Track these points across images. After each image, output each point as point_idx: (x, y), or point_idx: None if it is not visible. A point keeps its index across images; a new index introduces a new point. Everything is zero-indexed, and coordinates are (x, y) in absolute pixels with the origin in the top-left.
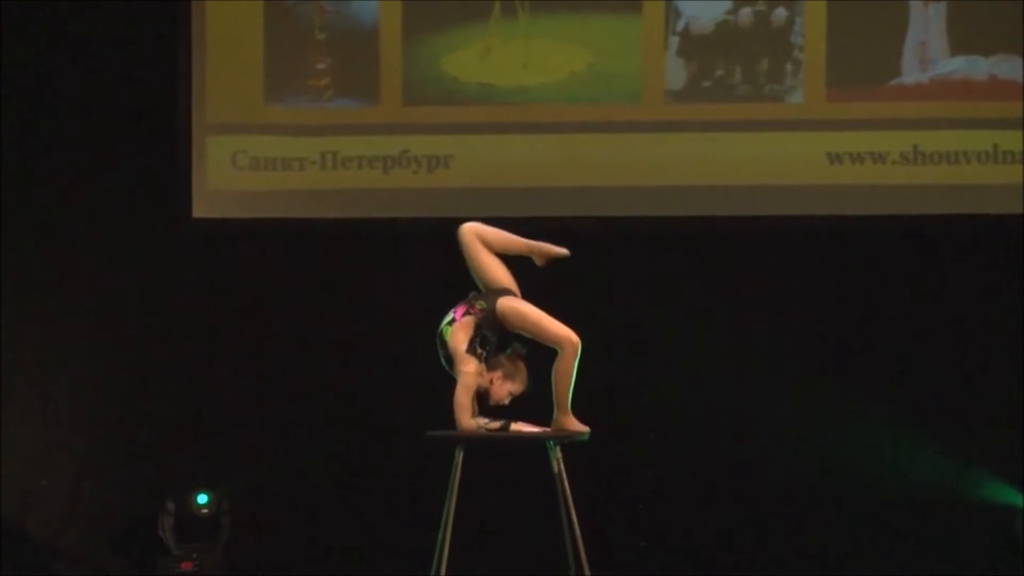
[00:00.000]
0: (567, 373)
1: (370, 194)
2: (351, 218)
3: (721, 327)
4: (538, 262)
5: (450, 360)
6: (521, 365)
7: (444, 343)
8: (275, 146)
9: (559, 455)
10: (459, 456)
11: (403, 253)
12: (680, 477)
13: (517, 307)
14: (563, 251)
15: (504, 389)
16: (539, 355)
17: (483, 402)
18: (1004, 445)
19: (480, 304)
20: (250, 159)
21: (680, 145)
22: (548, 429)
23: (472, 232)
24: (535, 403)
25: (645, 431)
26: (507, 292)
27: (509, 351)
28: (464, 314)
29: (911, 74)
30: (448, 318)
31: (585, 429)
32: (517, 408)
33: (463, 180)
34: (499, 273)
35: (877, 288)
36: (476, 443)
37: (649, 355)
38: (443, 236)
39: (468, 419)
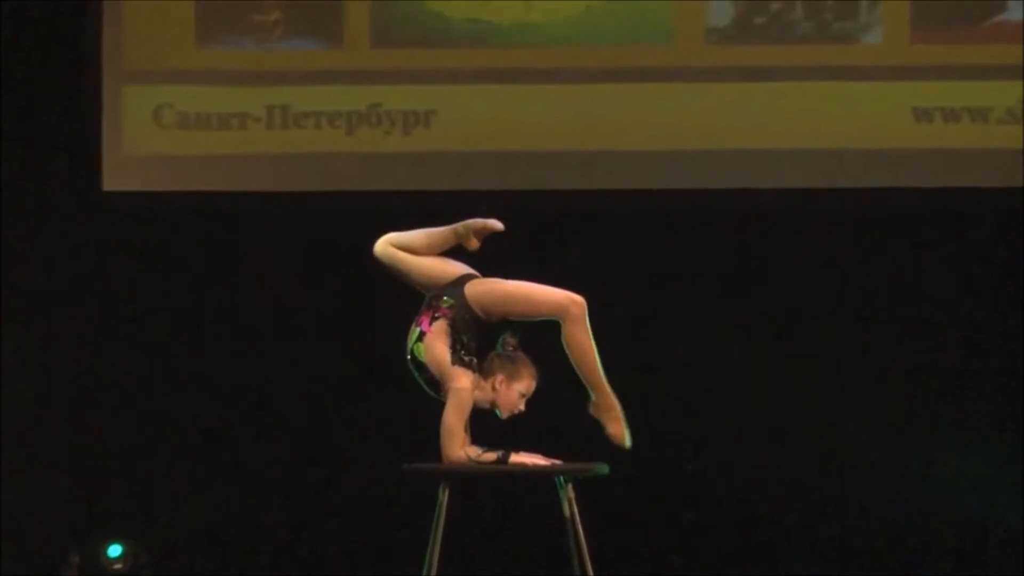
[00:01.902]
0: (584, 342)
1: (330, 160)
2: (306, 192)
3: (772, 326)
4: (471, 245)
5: (434, 381)
6: (521, 357)
7: (420, 364)
8: (209, 98)
9: (571, 494)
10: (444, 496)
11: (372, 235)
12: (720, 514)
13: (491, 287)
14: (495, 223)
15: (514, 392)
16: (532, 342)
17: (478, 422)
18: None
19: (446, 301)
20: (177, 115)
21: (724, 98)
22: (557, 462)
23: (387, 244)
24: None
25: (681, 459)
26: (468, 277)
27: (500, 347)
28: (432, 320)
29: (1018, 9)
30: (414, 334)
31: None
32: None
33: (448, 142)
34: (445, 265)
35: (977, 276)
36: (466, 479)
37: (682, 362)
38: (423, 214)
39: (457, 449)
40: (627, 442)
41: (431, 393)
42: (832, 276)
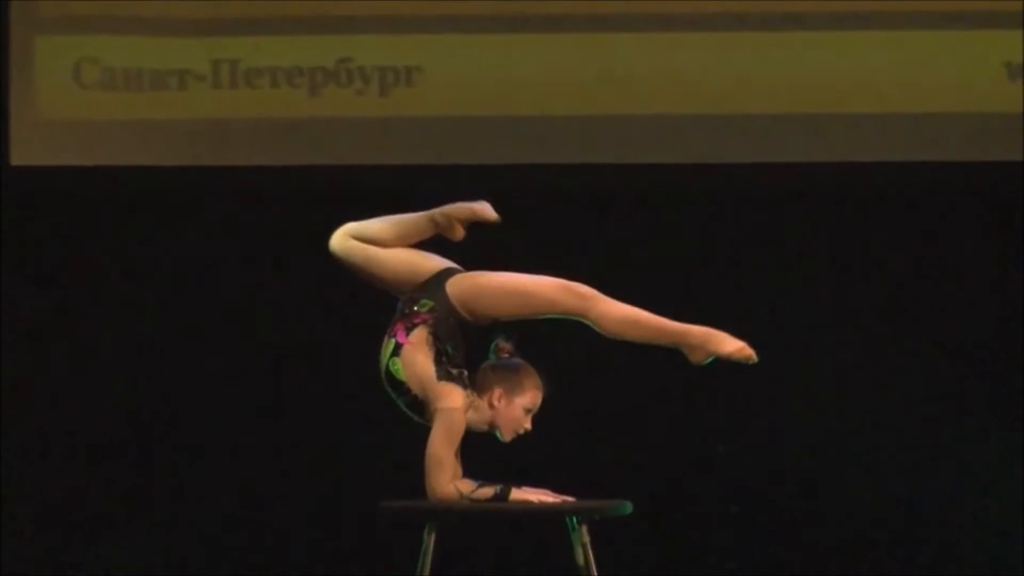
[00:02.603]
0: (624, 314)
1: (289, 127)
2: (259, 166)
3: (837, 332)
4: (454, 235)
5: (417, 402)
6: (521, 364)
7: (399, 383)
8: (142, 51)
9: (586, 538)
10: (430, 540)
11: (339, 219)
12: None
13: (478, 282)
14: (486, 211)
15: (516, 409)
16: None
17: (470, 448)
18: None
19: (424, 304)
20: (103, 72)
21: (772, 52)
22: (569, 499)
23: (346, 237)
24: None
25: (722, 500)
26: (448, 272)
27: (492, 355)
28: (409, 329)
29: None
30: (388, 347)
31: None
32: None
33: (435, 105)
34: (419, 259)
35: None
36: (457, 520)
37: (726, 380)
38: (402, 193)
39: (445, 482)
40: (752, 354)
41: (414, 417)
42: (905, 269)
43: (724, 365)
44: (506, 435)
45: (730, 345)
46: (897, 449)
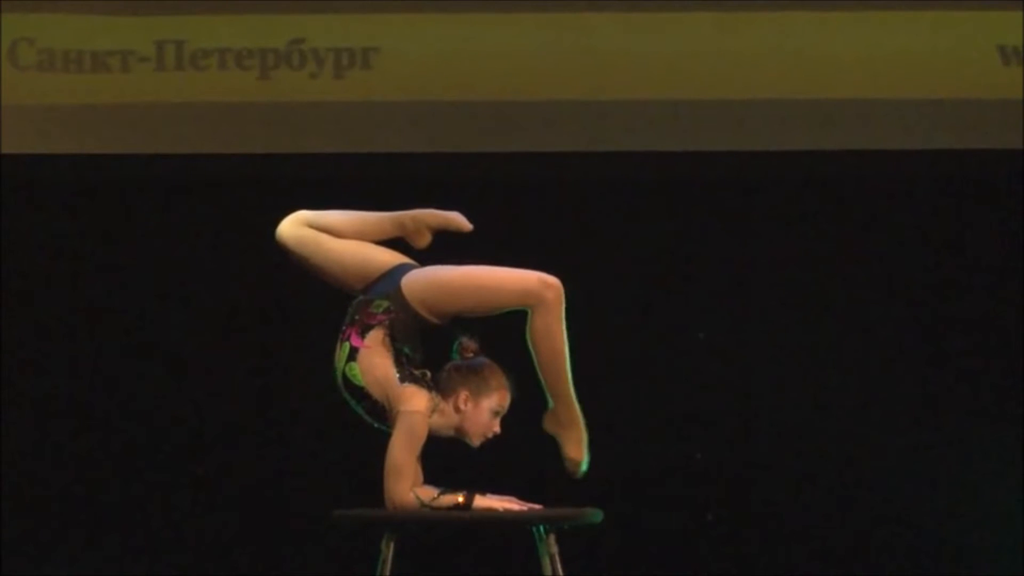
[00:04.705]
0: (559, 337)
1: (238, 112)
2: (206, 154)
3: (828, 327)
4: (419, 242)
5: (378, 408)
6: (487, 363)
7: (358, 388)
8: (82, 31)
9: (554, 548)
10: (388, 551)
11: (292, 211)
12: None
13: (436, 278)
14: (460, 221)
15: (483, 412)
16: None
17: (433, 454)
18: None
19: (379, 305)
20: (39, 52)
21: (760, 32)
22: (536, 506)
23: (297, 224)
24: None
25: (699, 507)
26: (403, 268)
27: (456, 355)
28: (363, 331)
29: None
30: (344, 352)
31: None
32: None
33: (393, 89)
34: (370, 252)
35: None
36: (417, 529)
37: (710, 382)
38: (358, 183)
39: (405, 490)
40: (583, 468)
41: (375, 423)
42: (896, 265)
43: (707, 368)
44: (475, 440)
45: (573, 449)
46: (890, 450)
